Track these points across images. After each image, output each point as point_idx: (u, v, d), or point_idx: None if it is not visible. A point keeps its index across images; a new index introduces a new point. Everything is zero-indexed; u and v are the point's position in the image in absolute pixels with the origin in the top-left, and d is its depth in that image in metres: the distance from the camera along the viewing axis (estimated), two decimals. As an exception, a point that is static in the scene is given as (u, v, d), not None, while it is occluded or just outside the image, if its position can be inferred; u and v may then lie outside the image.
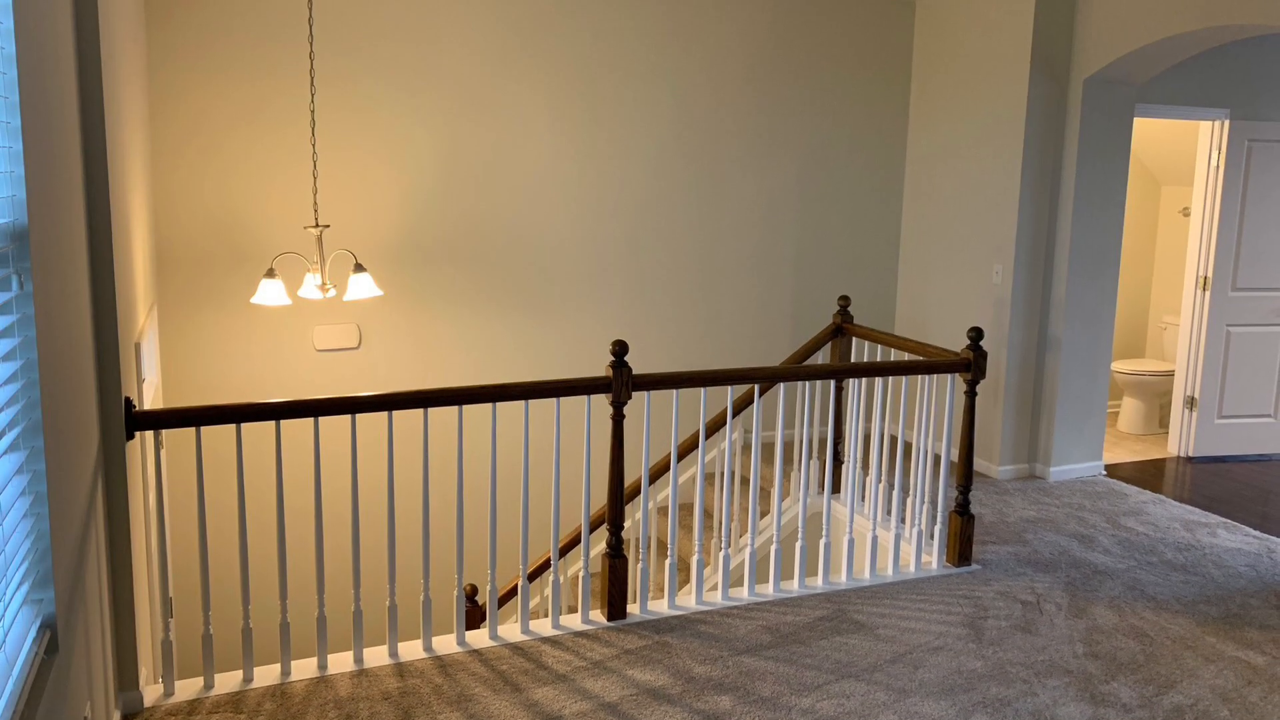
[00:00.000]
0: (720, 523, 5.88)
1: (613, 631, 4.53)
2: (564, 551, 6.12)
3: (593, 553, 6.99)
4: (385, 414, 6.43)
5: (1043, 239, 6.81)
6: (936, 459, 7.06)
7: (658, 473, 5.96)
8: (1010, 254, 6.77)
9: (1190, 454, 7.69)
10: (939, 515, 5.30)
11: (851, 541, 5.14)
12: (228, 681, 4.03)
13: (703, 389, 4.71)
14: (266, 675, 4.08)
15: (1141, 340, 9.44)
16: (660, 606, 4.79)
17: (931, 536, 5.51)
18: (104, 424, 3.49)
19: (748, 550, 4.95)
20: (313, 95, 6.06)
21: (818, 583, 5.09)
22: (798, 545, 5.04)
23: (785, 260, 7.49)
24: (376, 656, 4.24)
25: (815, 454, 6.04)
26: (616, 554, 4.62)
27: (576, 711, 3.85)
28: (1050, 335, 6.86)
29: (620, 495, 4.60)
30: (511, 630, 4.51)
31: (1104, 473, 7.14)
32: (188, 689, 3.97)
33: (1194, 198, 7.58)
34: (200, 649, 6.20)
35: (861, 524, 5.77)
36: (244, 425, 6.15)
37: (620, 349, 4.39)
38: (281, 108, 6.04)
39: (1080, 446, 7.00)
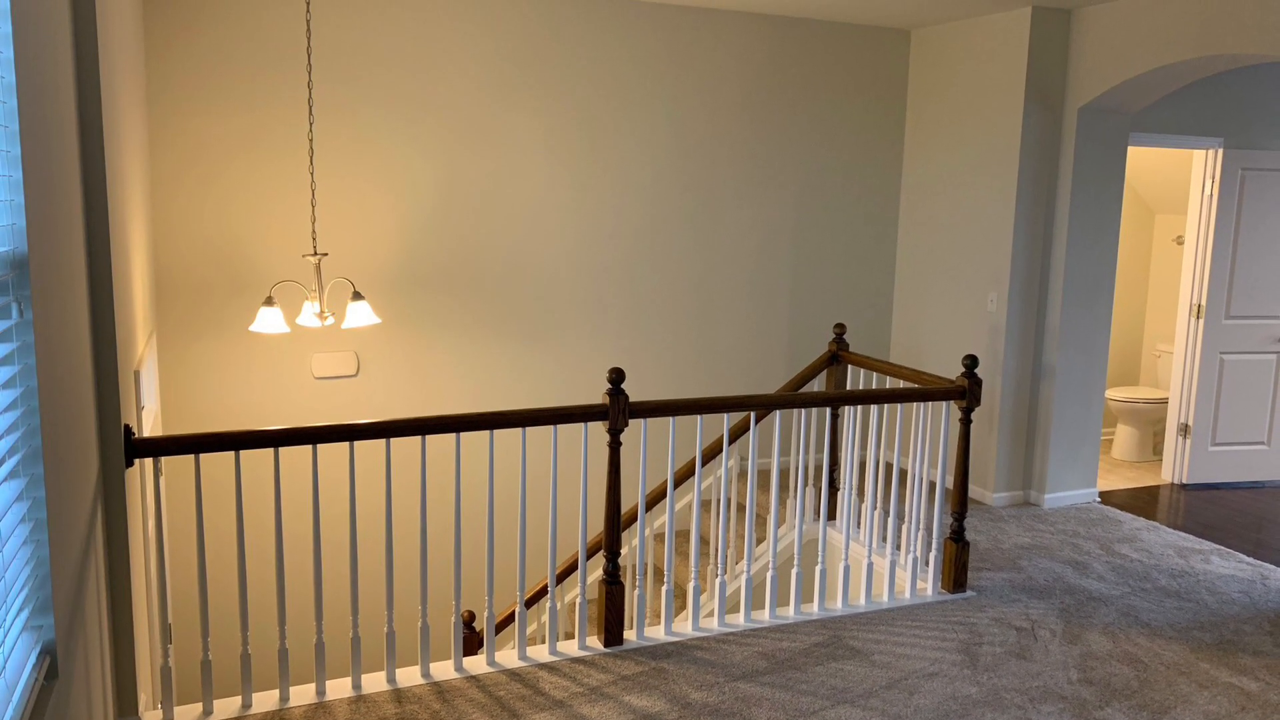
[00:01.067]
0: (717, 549, 5.90)
1: (609, 658, 4.55)
2: (561, 578, 6.13)
3: (590, 579, 7.00)
4: (383, 441, 6.45)
5: (1037, 267, 6.85)
6: (931, 486, 7.08)
7: (654, 499, 5.98)
8: (1005, 282, 6.81)
9: (1184, 481, 7.71)
10: (934, 542, 5.32)
11: (847, 568, 5.16)
12: (226, 708, 4.04)
13: (699, 416, 4.73)
14: (265, 701, 4.09)
15: (1135, 368, 9.47)
16: (657, 633, 4.80)
17: (927, 563, 5.53)
18: (103, 451, 3.51)
19: (744, 577, 4.97)
20: (311, 124, 6.10)
21: (813, 609, 5.10)
22: (794, 572, 5.05)
23: (781, 288, 7.53)
24: (374, 683, 4.25)
25: (811, 481, 6.06)
26: (613, 580, 4.63)
27: (573, 738, 3.87)
28: (1045, 363, 6.90)
29: (617, 522, 4.62)
30: (509, 656, 4.53)
31: (1098, 499, 7.17)
32: (187, 715, 3.98)
33: (1188, 226, 7.63)
34: (199, 675, 6.22)
35: (857, 550, 5.79)
36: (243, 452, 6.17)
37: (617, 376, 4.42)
38: (280, 137, 6.09)
39: (1074, 473, 7.02)
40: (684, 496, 7.28)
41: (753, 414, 5.03)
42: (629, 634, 4.78)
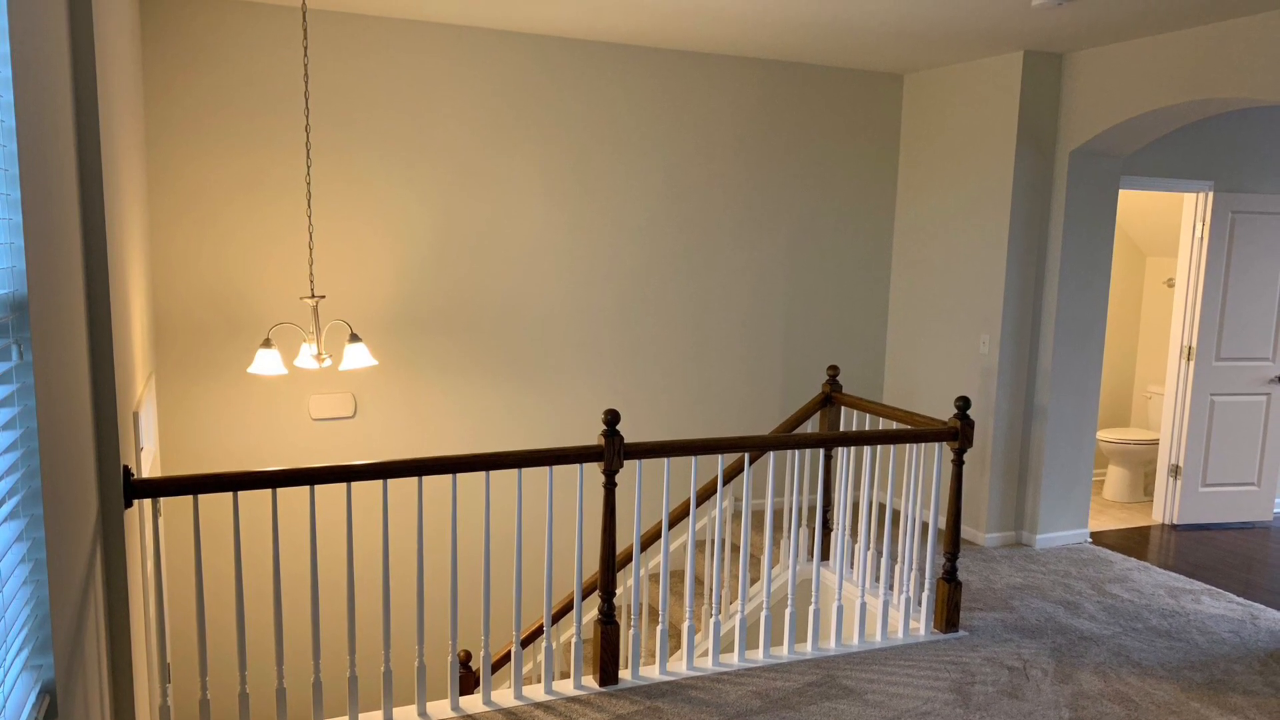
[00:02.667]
0: (711, 589, 5.92)
1: (605, 697, 4.56)
2: (557, 618, 6.14)
3: (585, 619, 7.01)
4: (380, 482, 6.48)
5: (1029, 309, 6.90)
6: (924, 526, 7.10)
7: (649, 540, 6.00)
8: (997, 324, 6.86)
9: (1175, 521, 7.74)
10: (927, 582, 5.35)
11: (840, 608, 5.18)
12: (221, 748, 4.05)
13: (693, 457, 4.77)
14: (259, 741, 4.11)
15: (1126, 409, 9.51)
16: (652, 672, 4.82)
17: (919, 603, 5.55)
18: (103, 492, 3.54)
19: (738, 616, 4.99)
20: (309, 167, 6.16)
21: (807, 649, 5.12)
22: (787, 612, 5.08)
23: (775, 330, 7.58)
24: (369, 723, 4.26)
25: (805, 522, 6.08)
26: (608, 620, 4.66)
27: (566, 777, 3.88)
28: (1036, 404, 6.94)
29: (612, 562, 4.64)
30: (505, 696, 4.54)
31: (1089, 540, 7.19)
32: (181, 755, 3.99)
33: (1178, 269, 7.68)
34: (198, 714, 6.22)
35: (850, 591, 5.81)
36: (241, 493, 6.20)
37: (612, 418, 4.46)
38: (278, 179, 6.14)
39: (1066, 514, 7.05)
40: (679, 537, 7.30)
41: (747, 455, 5.06)
42: (624, 673, 4.80)
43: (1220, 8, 5.42)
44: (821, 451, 5.84)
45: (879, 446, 5.31)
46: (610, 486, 4.54)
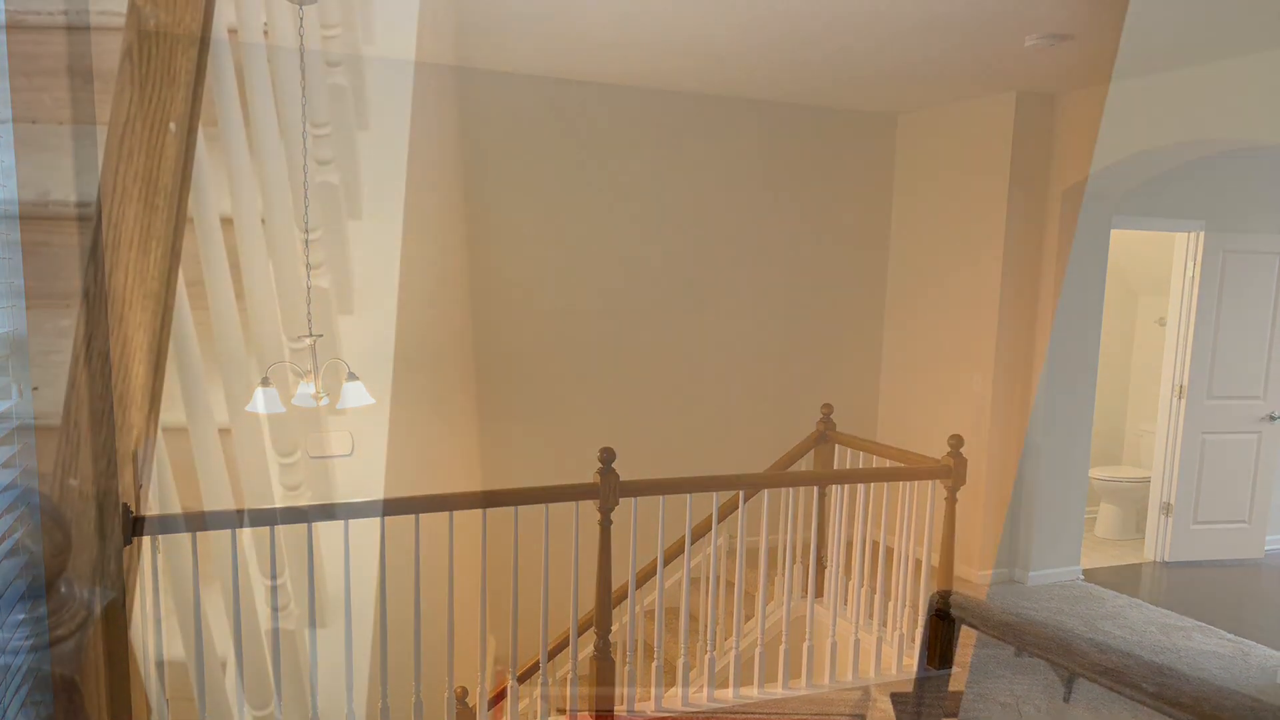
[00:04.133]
0: (706, 626, 5.94)
1: (598, 734, 4.58)
2: (553, 654, 6.15)
3: (581, 655, 7.01)
4: (378, 520, 6.49)
5: (1022, 348, 6.94)
6: (917, 564, 7.11)
7: (644, 577, 6.02)
8: (990, 362, 6.90)
9: (1166, 559, 7.76)
10: (920, 619, 5.36)
11: (834, 644, 5.20)
12: (218, 784, 4.06)
13: (689, 495, 4.79)
14: (256, 777, 4.12)
15: (1118, 447, 9.53)
16: (647, 708, 4.83)
17: (912, 640, 5.57)
18: (102, 529, 3.56)
19: (733, 653, 5.01)
20: (306, 206, 6.20)
21: (801, 685, 5.14)
22: (782, 648, 5.10)
23: (769, 367, 7.61)
24: (365, 759, 4.27)
25: (799, 559, 6.10)
26: (604, 656, 4.67)
27: (561, 813, 3.90)
28: (1029, 442, 6.96)
29: (608, 599, 4.66)
30: (498, 733, 4.56)
31: (1081, 577, 7.21)
32: (178, 791, 4.00)
33: (1170, 308, 7.73)
34: (189, 753, 6.20)
35: (844, 627, 5.83)
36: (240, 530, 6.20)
37: (608, 456, 4.49)
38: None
39: (1058, 551, 7.07)
40: (674, 574, 7.31)
41: (741, 493, 5.09)
42: (620, 709, 4.81)
43: (1211, 49, 5.49)
44: (816, 489, 5.86)
45: (873, 484, 5.34)
46: (606, 524, 4.57)
